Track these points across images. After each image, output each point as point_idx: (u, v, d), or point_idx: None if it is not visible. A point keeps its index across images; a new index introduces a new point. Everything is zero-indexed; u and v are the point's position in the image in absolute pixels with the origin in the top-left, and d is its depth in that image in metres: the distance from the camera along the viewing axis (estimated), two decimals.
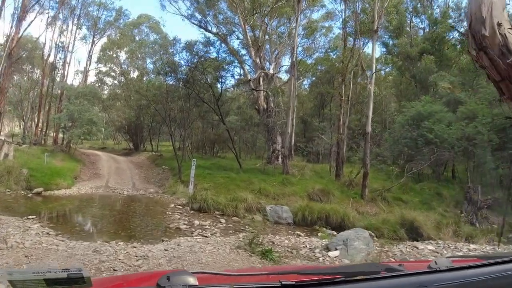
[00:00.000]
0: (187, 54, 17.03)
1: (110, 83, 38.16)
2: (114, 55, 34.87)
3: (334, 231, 9.68)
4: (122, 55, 35.23)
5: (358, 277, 1.19)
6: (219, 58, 17.55)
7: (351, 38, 17.74)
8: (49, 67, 23.90)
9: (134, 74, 36.70)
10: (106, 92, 38.46)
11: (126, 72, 35.85)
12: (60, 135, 23.22)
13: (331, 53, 26.78)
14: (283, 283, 1.09)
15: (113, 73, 36.93)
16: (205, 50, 17.51)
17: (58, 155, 17.36)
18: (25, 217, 7.73)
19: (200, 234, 7.68)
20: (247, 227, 9.18)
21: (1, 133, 30.56)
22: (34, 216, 7.98)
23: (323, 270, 1.52)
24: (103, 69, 35.29)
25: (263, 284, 1.16)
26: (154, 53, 24.88)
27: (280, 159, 20.15)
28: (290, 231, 9.20)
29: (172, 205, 11.20)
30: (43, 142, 23.37)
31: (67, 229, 7.38)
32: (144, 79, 30.85)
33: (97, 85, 35.55)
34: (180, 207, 11.05)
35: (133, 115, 32.07)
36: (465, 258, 1.86)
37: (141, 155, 27.15)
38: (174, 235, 7.48)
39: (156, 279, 1.05)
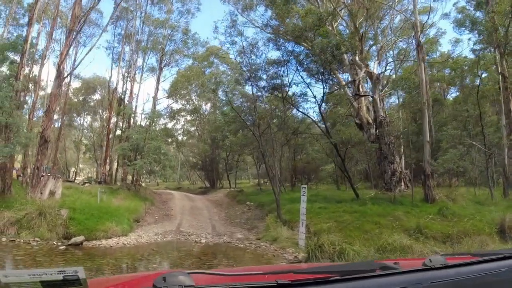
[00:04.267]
0: (273, 46, 12.94)
1: (183, 122, 36.58)
2: (185, 91, 32.92)
3: None
4: (193, 88, 33.09)
5: (354, 276, 1.14)
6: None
7: None
8: (117, 101, 21.83)
9: (207, 106, 34.72)
10: (179, 132, 37.06)
11: (198, 106, 33.91)
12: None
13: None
14: (279, 282, 1.03)
15: (183, 112, 35.22)
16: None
17: (121, 193, 13.96)
18: None
19: None
20: None
21: (75, 178, 29.49)
22: None
23: (319, 269, 1.47)
24: (175, 105, 33.52)
25: (259, 284, 1.08)
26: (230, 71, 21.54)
27: (403, 183, 14.75)
28: None
29: (281, 263, 6.39)
30: (113, 181, 20.75)
31: None
32: (217, 112, 28.24)
33: (170, 124, 34.20)
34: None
35: (208, 149, 29.50)
36: (459, 255, 1.74)
37: (219, 192, 23.65)
38: None
39: (152, 279, 0.98)
